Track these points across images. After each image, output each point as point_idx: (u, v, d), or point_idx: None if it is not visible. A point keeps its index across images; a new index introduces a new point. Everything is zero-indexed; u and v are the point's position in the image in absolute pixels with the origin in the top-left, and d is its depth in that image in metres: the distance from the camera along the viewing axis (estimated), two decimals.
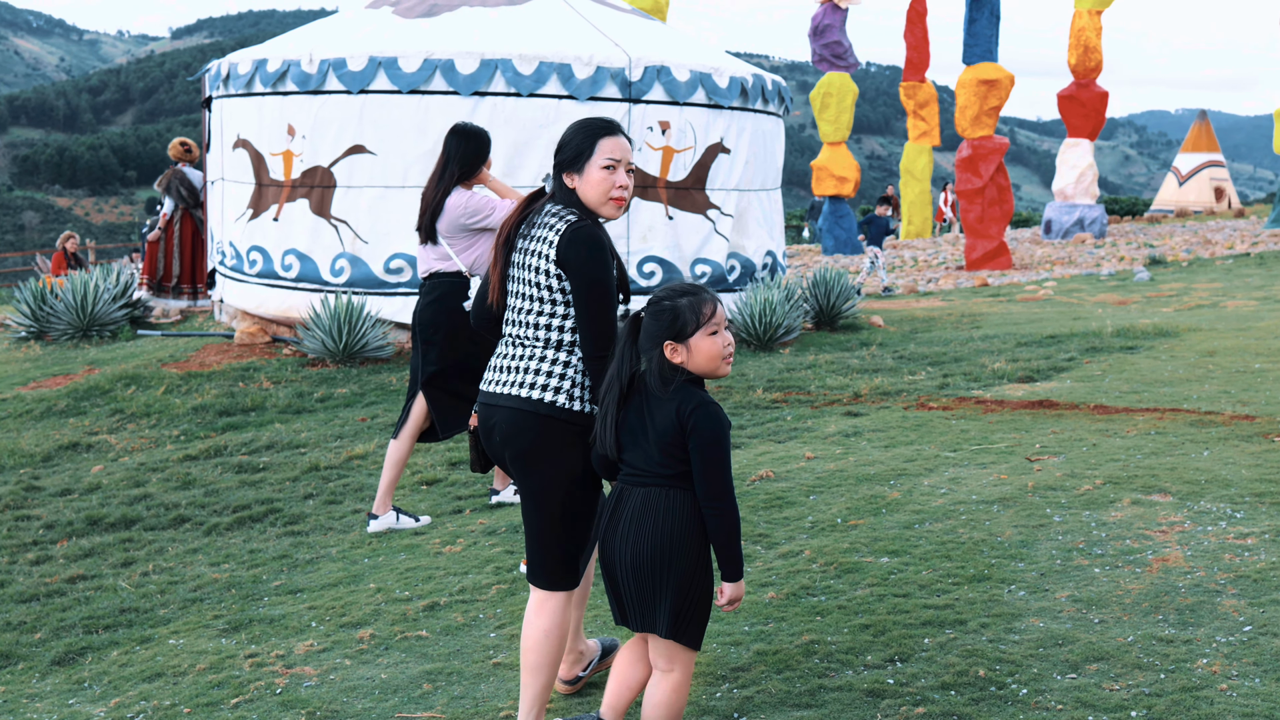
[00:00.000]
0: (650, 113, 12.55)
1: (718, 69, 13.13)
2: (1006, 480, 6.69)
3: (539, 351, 4.13)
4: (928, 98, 35.09)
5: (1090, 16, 29.76)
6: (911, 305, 16.77)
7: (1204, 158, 49.13)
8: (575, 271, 4.06)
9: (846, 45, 31.32)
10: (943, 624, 4.80)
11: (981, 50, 25.57)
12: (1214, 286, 17.33)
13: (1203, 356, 10.35)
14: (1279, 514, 5.73)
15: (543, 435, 4.07)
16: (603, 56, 12.44)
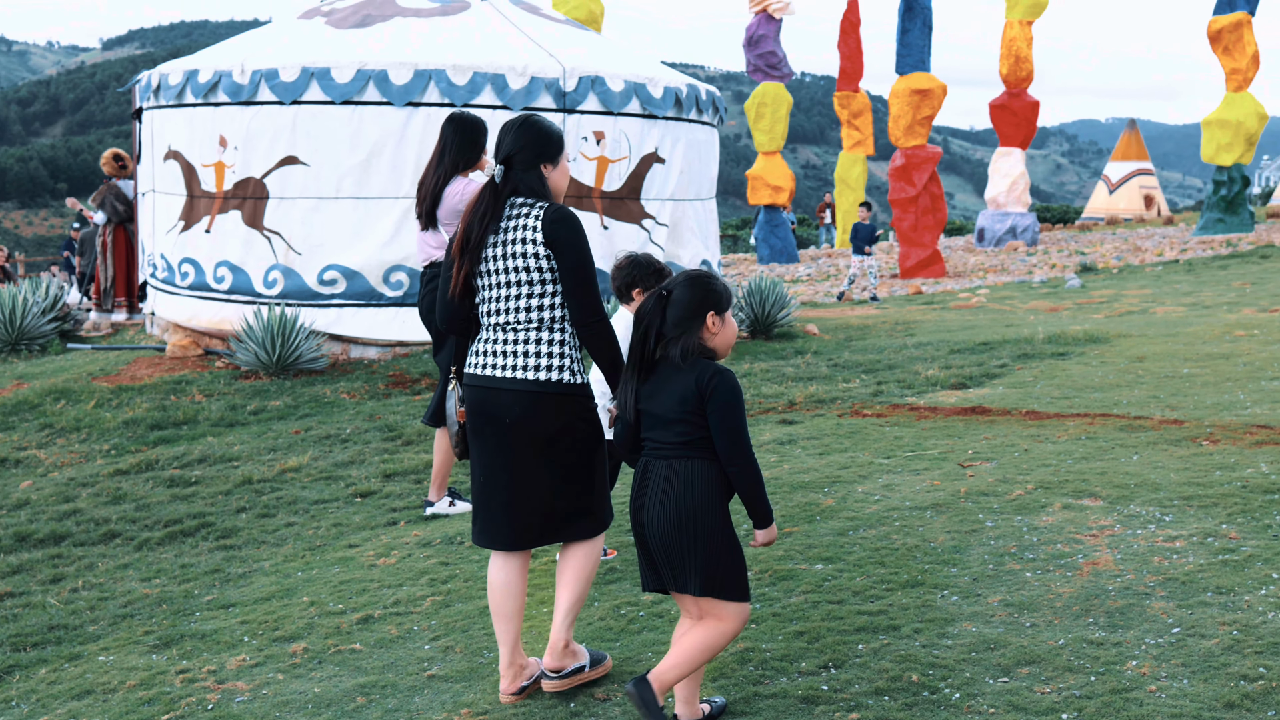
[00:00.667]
0: (585, 123, 12.56)
1: (652, 79, 13.15)
2: (939, 486, 6.73)
3: (532, 334, 4.42)
4: (861, 107, 35.35)
5: (1021, 27, 30.09)
6: (846, 313, 16.87)
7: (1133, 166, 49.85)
8: (565, 248, 4.36)
9: (781, 55, 31.48)
10: (876, 630, 4.82)
11: (914, 60, 25.79)
12: (1144, 293, 17.55)
13: (1132, 362, 10.47)
14: (1207, 517, 5.80)
15: (556, 412, 4.39)
16: (537, 67, 12.44)
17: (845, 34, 34.47)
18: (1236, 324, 12.71)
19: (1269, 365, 9.81)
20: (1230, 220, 28.39)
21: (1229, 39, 27.73)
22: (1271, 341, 11.13)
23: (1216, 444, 7.23)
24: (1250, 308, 14.59)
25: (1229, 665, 4.15)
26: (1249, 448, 7.07)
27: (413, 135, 12.19)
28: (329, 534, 7.28)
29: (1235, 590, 4.82)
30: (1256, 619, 4.50)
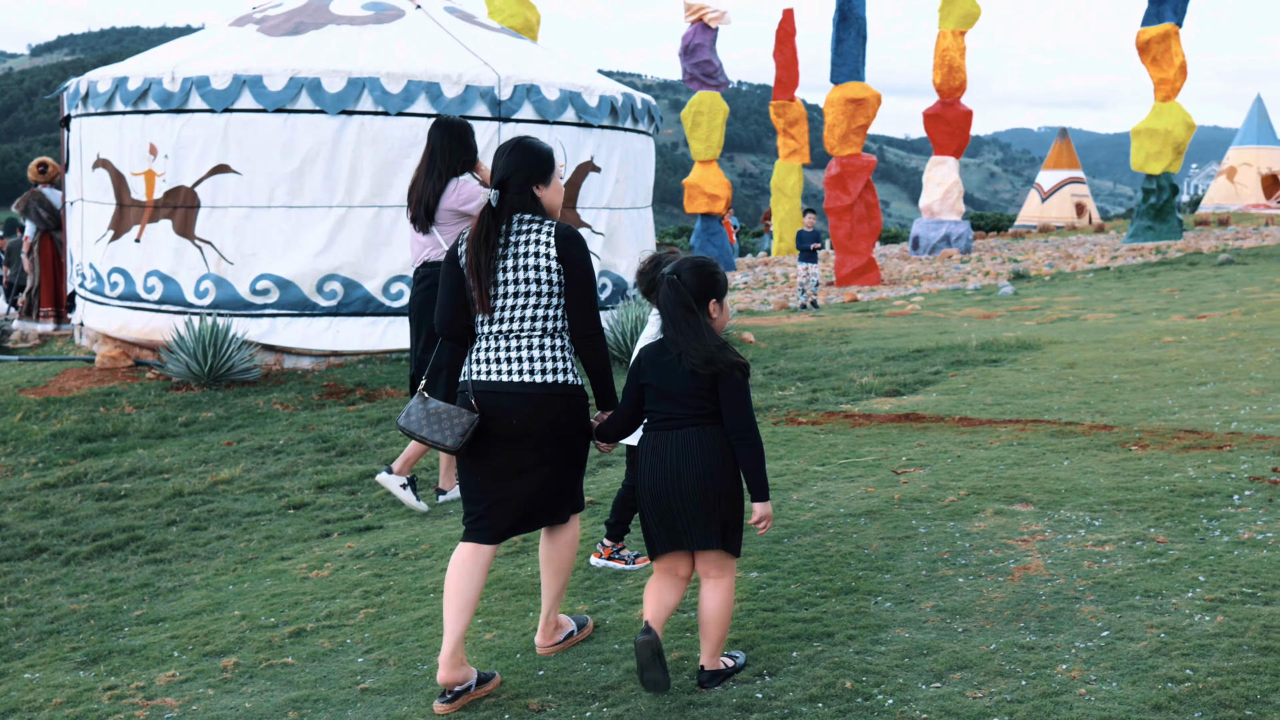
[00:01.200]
0: (520, 131, 12.53)
1: (588, 88, 13.15)
2: (873, 493, 6.77)
3: (536, 341, 4.74)
4: (797, 116, 35.51)
5: (954, 37, 30.36)
6: (782, 321, 16.93)
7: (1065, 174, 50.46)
8: (574, 264, 4.74)
9: (717, 64, 31.58)
10: (810, 637, 4.83)
11: (849, 69, 25.96)
12: (1075, 300, 17.74)
13: (1063, 368, 10.58)
14: (1136, 521, 5.86)
15: (559, 410, 4.73)
16: (472, 75, 12.40)
17: (780, 43, 34.63)
18: (1165, 330, 12.88)
19: (1196, 371, 9.94)
20: (1160, 228, 28.78)
21: (1157, 50, 28.12)
22: (1199, 347, 11.29)
23: (1145, 449, 7.32)
24: (1179, 314, 14.78)
25: (1156, 667, 4.19)
26: (1176, 452, 7.16)
27: (346, 143, 12.12)
28: (261, 547, 7.20)
29: (1163, 593, 4.87)
30: (1183, 621, 4.55)
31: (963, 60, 30.38)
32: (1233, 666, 4.12)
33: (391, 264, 12.27)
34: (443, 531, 7.04)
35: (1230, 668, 4.11)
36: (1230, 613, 4.59)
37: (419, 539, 6.95)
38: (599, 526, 6.46)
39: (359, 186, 12.20)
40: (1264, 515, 5.75)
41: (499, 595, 5.82)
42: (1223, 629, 4.44)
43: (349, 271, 12.23)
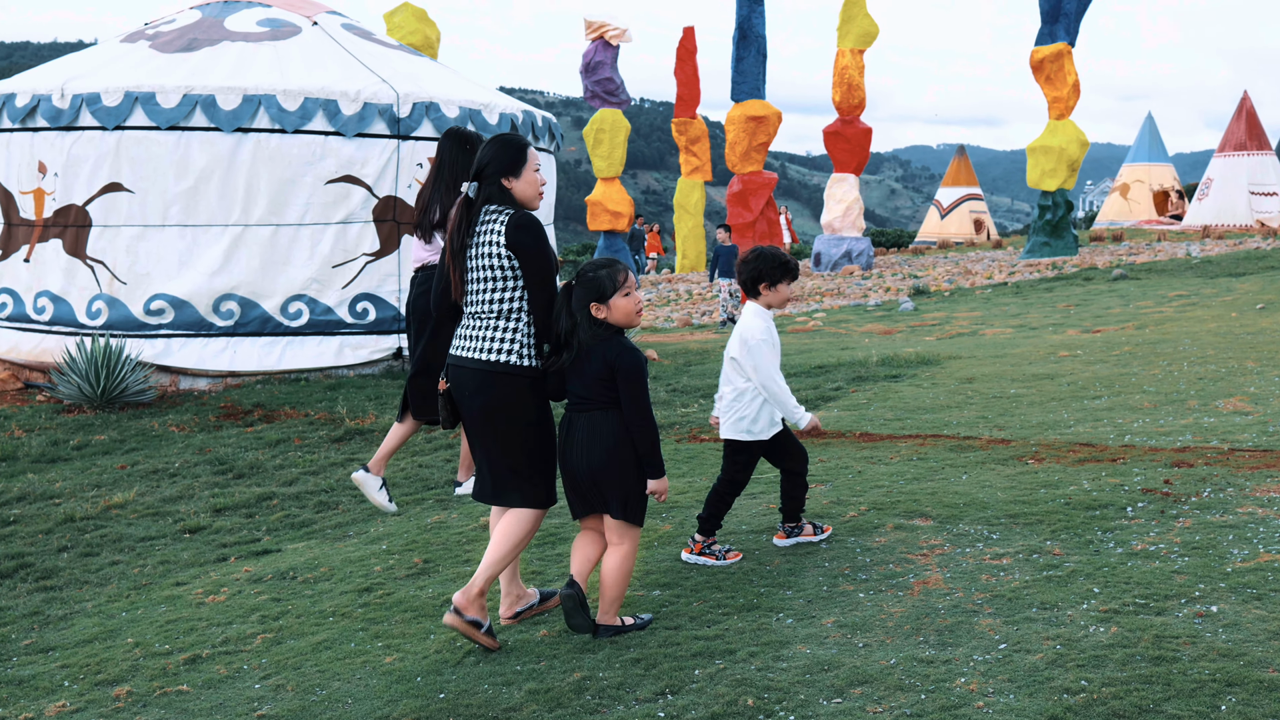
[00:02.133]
0: (420, 149, 12.45)
1: (488, 105, 13.11)
2: (775, 510, 6.78)
3: (492, 323, 5.15)
4: (699, 134, 35.68)
5: (853, 55, 30.69)
6: (686, 338, 16.97)
7: (963, 191, 51.14)
8: (524, 250, 5.09)
9: (618, 82, 31.67)
10: (713, 654, 4.82)
11: (749, 87, 26.14)
12: (973, 315, 17.98)
13: (962, 383, 10.70)
14: (1032, 534, 5.93)
15: (499, 387, 5.10)
16: (370, 92, 12.31)
17: (681, 61, 34.79)
18: (1061, 345, 13.09)
19: (1091, 385, 10.11)
20: (1055, 244, 29.27)
21: (1050, 69, 28.63)
22: (1094, 361, 11.48)
23: (1041, 462, 7.42)
24: (1074, 328, 15.04)
25: (1053, 679, 4.24)
26: (1071, 465, 7.26)
27: (242, 161, 11.97)
28: (155, 572, 7.06)
29: (1059, 605, 4.93)
30: (1079, 633, 4.61)
31: (861, 78, 30.71)
32: (1126, 677, 4.17)
33: (290, 283, 12.12)
34: (342, 554, 6.95)
35: (1124, 678, 4.17)
36: (1124, 623, 4.65)
37: (318, 561, 6.86)
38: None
39: (256, 205, 12.05)
40: (1156, 527, 5.85)
41: (399, 618, 5.76)
42: (1116, 640, 4.50)
43: (246, 291, 12.06)
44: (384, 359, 12.49)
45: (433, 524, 7.41)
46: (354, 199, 12.25)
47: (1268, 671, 4.09)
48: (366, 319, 12.36)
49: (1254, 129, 41.82)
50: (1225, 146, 42.12)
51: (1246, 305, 15.37)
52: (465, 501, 7.92)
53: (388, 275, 12.43)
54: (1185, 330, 13.29)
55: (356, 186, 12.26)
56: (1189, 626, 4.57)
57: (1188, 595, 4.90)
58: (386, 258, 12.41)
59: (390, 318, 12.44)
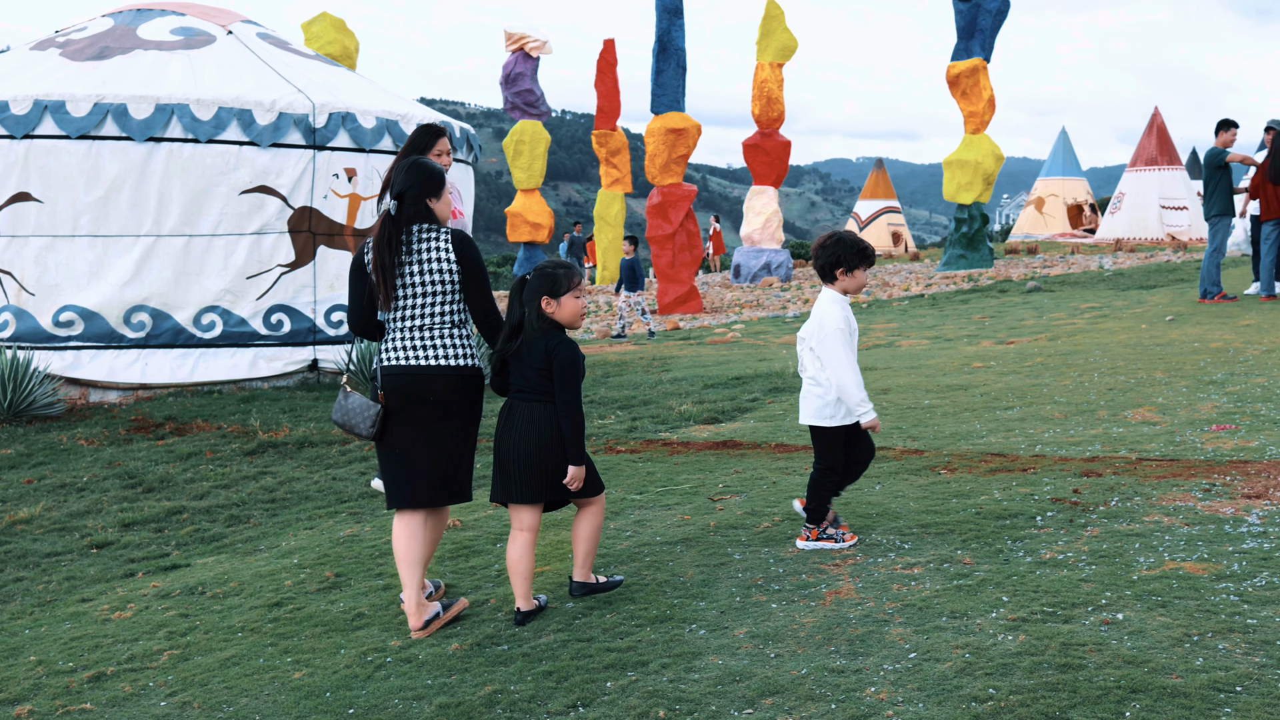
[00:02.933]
0: (336, 159, 12.37)
1: (405, 115, 13.04)
2: (690, 521, 6.79)
3: (446, 331, 5.55)
4: (619, 145, 35.74)
5: (772, 69, 30.88)
6: (605, 350, 16.96)
7: (882, 204, 51.64)
8: (469, 262, 5.55)
9: (538, 93, 31.64)
10: (625, 666, 4.81)
11: (669, 100, 26.18)
12: (890, 327, 18.12)
13: (877, 394, 10.77)
14: (943, 544, 5.98)
15: (462, 387, 5.55)
16: (286, 102, 12.20)
17: (602, 73, 34.84)
18: (975, 356, 13.23)
19: (1004, 396, 10.22)
20: (971, 256, 29.60)
21: (966, 83, 28.98)
22: (1006, 372, 11.60)
23: (953, 473, 7.48)
24: (989, 340, 15.19)
25: (961, 687, 4.26)
26: (983, 475, 7.33)
27: (154, 171, 11.81)
28: (60, 588, 6.93)
29: (968, 614, 4.97)
30: (988, 641, 4.64)
31: (781, 92, 30.90)
32: (1033, 684, 4.21)
33: (203, 294, 11.98)
34: (252, 568, 6.86)
35: (1031, 685, 4.20)
36: (1032, 631, 4.69)
37: (228, 576, 6.77)
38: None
39: (168, 215, 11.89)
40: (1064, 536, 5.92)
41: (309, 633, 5.69)
42: (1024, 648, 4.54)
43: (158, 302, 11.90)
44: (299, 371, 12.37)
45: (345, 537, 7.33)
46: (269, 209, 12.13)
47: (1171, 678, 4.15)
48: (281, 330, 12.24)
49: (1164, 144, 42.58)
50: (1137, 161, 42.84)
51: (1156, 317, 15.62)
52: (380, 514, 7.86)
53: (303, 286, 12.31)
54: (1096, 342, 13.48)
55: (271, 197, 12.14)
56: (1095, 634, 4.62)
57: (1094, 603, 4.95)
58: (302, 269, 12.30)
59: (305, 329, 12.33)
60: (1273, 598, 4.82)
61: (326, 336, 12.44)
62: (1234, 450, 7.46)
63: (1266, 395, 9.12)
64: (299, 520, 8.01)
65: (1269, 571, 5.13)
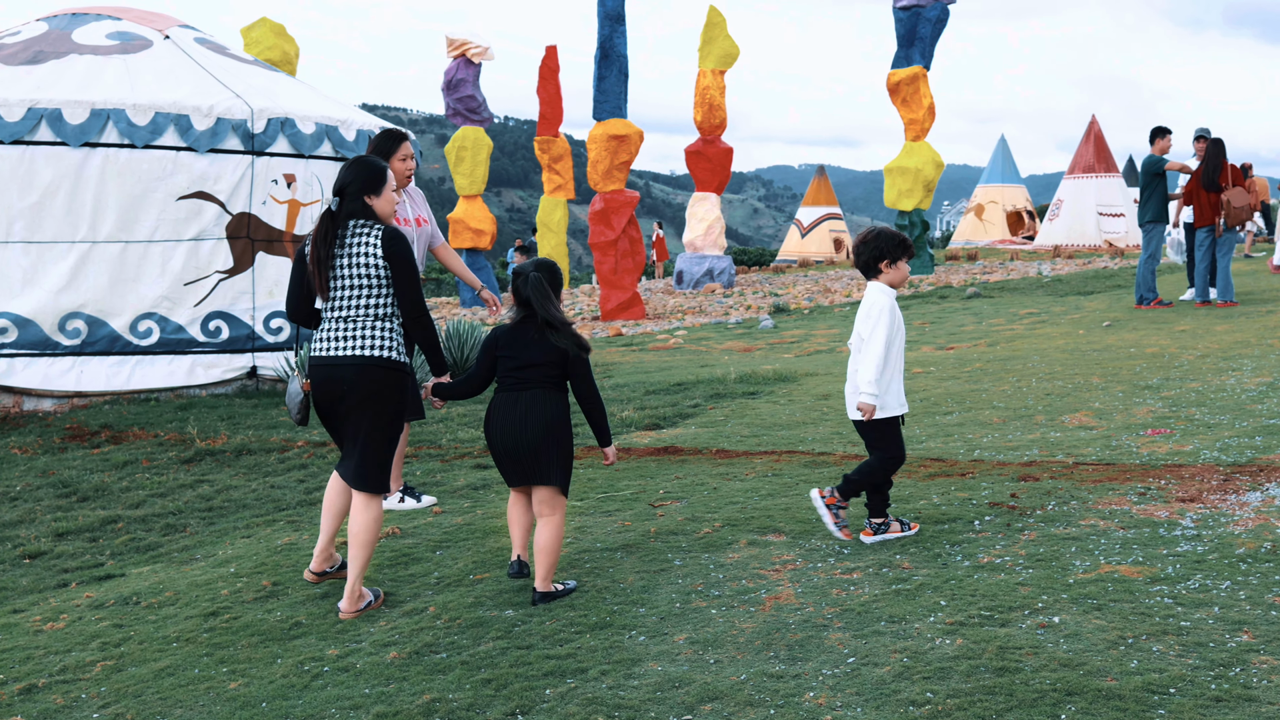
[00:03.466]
0: (274, 165, 12.27)
1: (345, 121, 12.96)
2: (630, 527, 6.78)
3: (369, 324, 5.74)
4: (562, 152, 35.68)
5: (714, 76, 30.95)
6: None
7: (823, 211, 51.83)
8: (398, 260, 5.73)
9: (480, 100, 31.55)
10: (564, 673, 4.79)
11: (611, 106, 26.18)
12: (832, 333, 18.20)
13: (818, 400, 10.82)
14: (883, 548, 6.00)
15: (383, 380, 5.74)
16: (224, 108, 12.10)
17: (544, 80, 34.78)
18: (915, 361, 13.30)
19: (943, 401, 10.28)
20: (912, 263, 29.81)
21: (906, 91, 29.19)
22: (946, 378, 11.68)
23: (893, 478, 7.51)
24: (929, 345, 15.29)
25: (899, 692, 4.28)
26: (922, 480, 7.38)
27: (90, 177, 11.68)
28: None
29: (906, 618, 4.99)
30: (925, 645, 4.67)
31: (723, 99, 30.98)
32: (970, 688, 4.23)
33: (140, 301, 11.85)
34: (188, 578, 6.79)
35: (968, 689, 4.23)
36: (969, 635, 4.72)
37: (164, 586, 6.69)
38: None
39: (104, 221, 11.75)
40: (1002, 540, 5.96)
41: (246, 642, 5.63)
42: (962, 651, 4.56)
43: (93, 309, 11.76)
44: (237, 378, 12.26)
45: (283, 546, 7.27)
46: (207, 215, 12.03)
47: (1106, 680, 4.18)
48: (219, 337, 12.13)
49: (1102, 152, 43.05)
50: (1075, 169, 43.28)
51: (1094, 323, 15.78)
52: (317, 522, 7.80)
53: (242, 293, 12.21)
54: (1035, 347, 13.60)
55: (209, 203, 12.03)
56: (1032, 637, 4.65)
57: (1031, 606, 4.99)
58: (240, 275, 12.20)
59: (244, 336, 12.22)
60: (1205, 600, 4.88)
61: (266, 344, 12.34)
62: (1168, 454, 7.55)
63: (1200, 400, 9.23)
64: (236, 529, 7.94)
65: (1202, 574, 5.19)
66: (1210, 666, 4.24)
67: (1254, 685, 4.06)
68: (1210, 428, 8.22)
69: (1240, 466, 7.06)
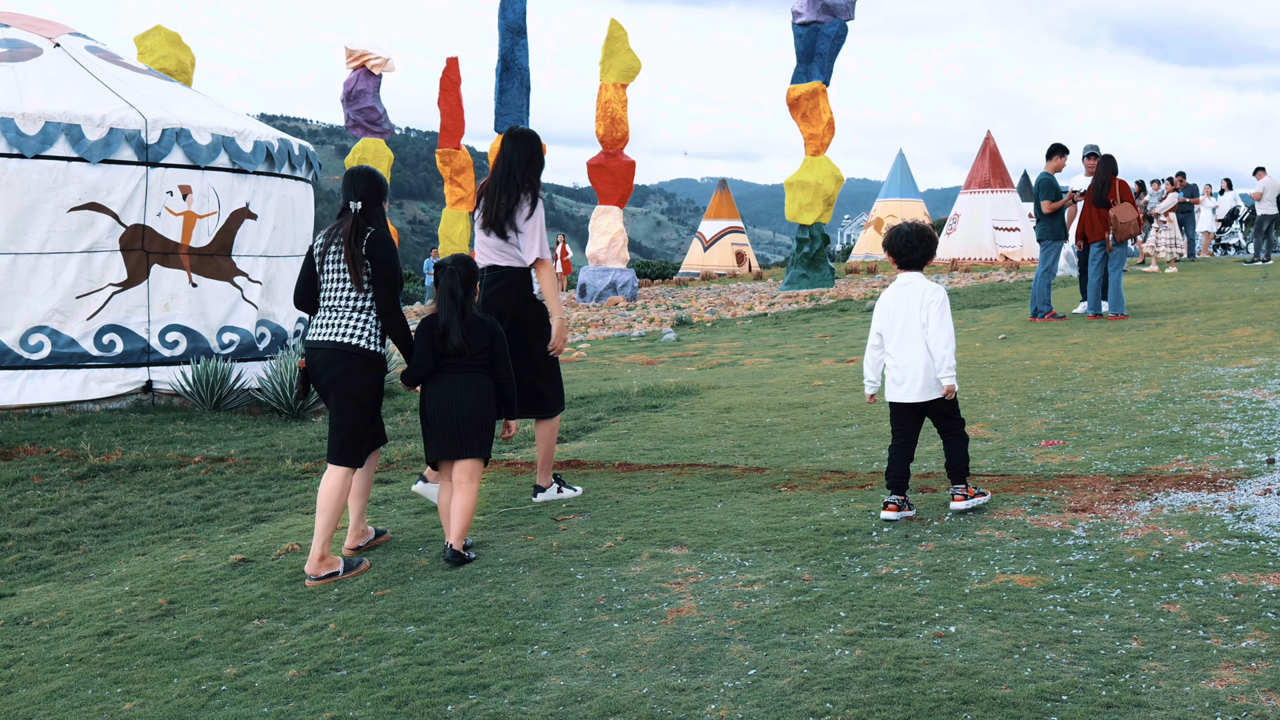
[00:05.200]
0: (170, 176, 12.09)
1: (241, 133, 12.81)
2: (533, 541, 6.77)
3: (347, 315, 6.52)
4: (463, 164, 35.56)
5: (616, 89, 31.04)
6: None
7: (726, 224, 52.10)
8: (377, 262, 6.52)
9: (381, 111, 31.37)
10: (466, 689, 4.77)
11: (513, 118, 26.18)
12: (734, 345, 18.31)
13: (720, 413, 10.87)
14: (784, 560, 6.05)
15: (354, 366, 6.49)
16: (117, 118, 11.90)
17: (445, 92, 34.65)
18: (816, 374, 13.43)
19: (843, 413, 10.39)
20: (813, 276, 30.06)
21: (806, 106, 29.46)
22: (846, 390, 11.80)
23: (794, 490, 7.58)
24: (829, 358, 15.45)
25: (799, 703, 4.32)
26: (823, 492, 7.44)
27: None
28: None
29: (807, 630, 5.03)
30: (825, 657, 4.71)
31: (625, 112, 31.07)
32: (869, 698, 4.28)
33: (30, 314, 11.60)
34: (81, 597, 6.66)
35: (866, 699, 4.27)
36: (868, 645, 4.77)
37: (55, 605, 6.56)
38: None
39: None
40: (900, 551, 6.03)
41: (141, 662, 5.54)
42: (860, 662, 4.61)
43: None
44: (132, 393, 12.05)
45: (179, 563, 7.16)
46: (99, 227, 11.81)
47: (1001, 689, 4.25)
48: (113, 351, 11.91)
49: (997, 167, 43.77)
50: (971, 184, 43.96)
51: (990, 336, 16.03)
52: (215, 539, 7.69)
53: (136, 306, 12.00)
54: None
55: (102, 214, 11.82)
56: (929, 647, 4.71)
57: (928, 616, 5.06)
58: (135, 288, 11.99)
59: (139, 350, 12.01)
60: (1097, 608, 4.98)
61: (161, 357, 12.14)
62: (1061, 465, 7.69)
63: (1092, 411, 9.42)
64: (131, 546, 7.80)
65: (1093, 583, 5.29)
66: (1101, 673, 4.32)
67: (1143, 691, 4.15)
68: (1101, 439, 8.39)
69: (1130, 477, 7.21)
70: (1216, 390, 9.84)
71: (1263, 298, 17.87)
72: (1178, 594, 5.08)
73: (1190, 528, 6.00)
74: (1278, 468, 7.10)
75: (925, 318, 6.63)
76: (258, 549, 7.25)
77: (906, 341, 6.68)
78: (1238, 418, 8.69)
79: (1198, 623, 4.74)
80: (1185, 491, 6.74)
